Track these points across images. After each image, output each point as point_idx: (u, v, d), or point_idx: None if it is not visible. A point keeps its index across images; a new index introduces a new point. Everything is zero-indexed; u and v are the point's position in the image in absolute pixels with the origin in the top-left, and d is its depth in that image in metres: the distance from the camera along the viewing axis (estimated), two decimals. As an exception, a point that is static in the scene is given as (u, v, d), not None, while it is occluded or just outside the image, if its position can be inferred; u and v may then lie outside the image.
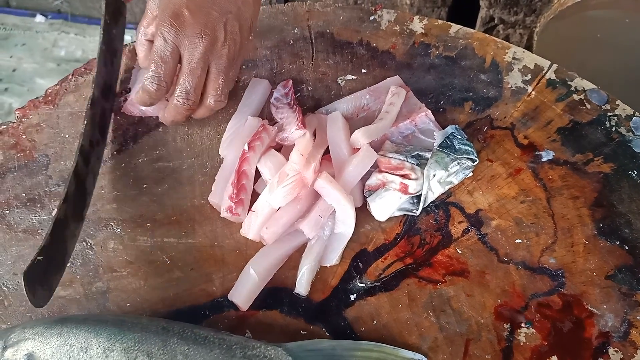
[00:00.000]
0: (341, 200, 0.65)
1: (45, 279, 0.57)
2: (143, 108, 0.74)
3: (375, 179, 0.68)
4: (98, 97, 0.69)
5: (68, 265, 0.65)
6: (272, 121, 0.74)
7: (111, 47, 0.74)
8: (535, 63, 0.78)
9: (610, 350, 0.59)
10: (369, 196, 0.67)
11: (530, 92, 0.76)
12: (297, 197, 0.65)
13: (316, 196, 0.67)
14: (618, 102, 0.74)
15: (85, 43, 1.96)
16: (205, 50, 0.65)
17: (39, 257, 0.55)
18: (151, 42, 0.67)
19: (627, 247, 0.64)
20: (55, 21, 2.01)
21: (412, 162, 0.67)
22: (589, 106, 0.74)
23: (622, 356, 0.58)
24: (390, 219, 0.67)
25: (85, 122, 0.66)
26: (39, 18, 2.02)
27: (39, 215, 0.69)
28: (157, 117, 0.74)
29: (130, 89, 0.77)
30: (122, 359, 0.52)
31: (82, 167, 0.65)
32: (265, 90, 0.76)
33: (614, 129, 0.72)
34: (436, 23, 0.82)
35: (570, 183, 0.69)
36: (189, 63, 0.65)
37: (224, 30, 0.66)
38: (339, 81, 0.78)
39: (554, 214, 0.67)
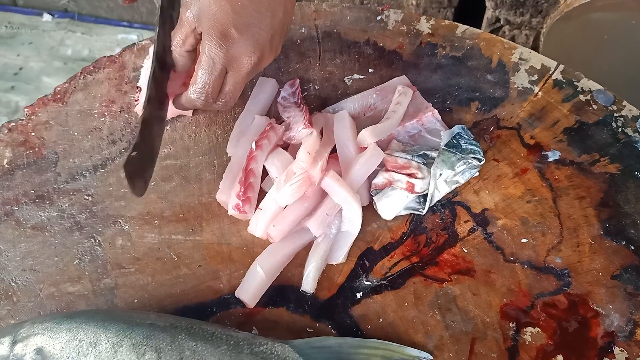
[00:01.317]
0: (348, 199, 0.65)
1: (141, 171, 0.62)
2: None
3: (381, 178, 0.68)
4: (166, 5, 0.68)
5: (76, 261, 0.66)
6: (279, 120, 0.74)
7: None
8: (542, 63, 0.78)
9: (616, 350, 0.59)
10: (375, 195, 0.68)
11: (537, 93, 0.76)
12: (304, 195, 0.66)
13: (323, 194, 0.67)
14: (624, 102, 0.74)
15: (92, 42, 1.96)
16: (252, 69, 0.65)
17: (133, 153, 0.60)
18: (190, 52, 0.66)
19: (632, 248, 0.65)
20: (62, 20, 2.02)
21: (419, 161, 0.68)
22: (595, 107, 0.74)
23: (627, 356, 0.59)
24: (396, 217, 0.68)
25: (157, 28, 0.66)
26: (46, 17, 2.02)
27: (47, 212, 0.69)
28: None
29: (140, 88, 0.77)
30: (130, 354, 0.52)
31: (159, 72, 0.65)
32: (272, 89, 0.77)
33: (620, 129, 0.72)
34: (443, 23, 0.82)
35: (576, 183, 0.69)
36: (234, 80, 0.65)
37: (270, 47, 0.66)
38: (346, 80, 0.79)
39: (560, 214, 0.67)
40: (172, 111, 0.74)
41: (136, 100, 0.76)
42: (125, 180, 0.58)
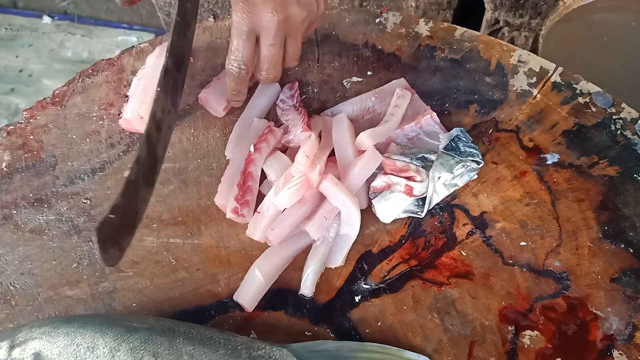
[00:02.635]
0: (346, 202, 0.65)
1: (117, 238, 0.56)
2: (138, 127, 0.74)
3: (380, 181, 0.68)
4: (171, 67, 0.68)
5: (74, 265, 0.66)
6: (278, 123, 0.74)
7: (185, 20, 0.72)
8: (540, 66, 0.78)
9: (615, 353, 0.59)
10: (374, 198, 0.68)
11: (536, 95, 0.76)
12: (303, 198, 0.66)
13: (321, 198, 0.67)
14: (623, 105, 0.74)
15: (92, 44, 1.97)
16: (278, 27, 0.67)
17: (111, 215, 0.54)
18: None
19: (632, 250, 0.64)
20: (62, 22, 2.02)
21: (417, 164, 0.68)
22: (594, 109, 0.74)
23: (626, 359, 0.58)
24: (395, 220, 0.68)
25: (158, 89, 0.65)
26: (46, 19, 2.03)
27: (46, 215, 0.69)
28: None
29: (127, 97, 0.77)
30: (128, 358, 0.52)
31: (154, 133, 0.63)
32: (274, 92, 0.77)
33: (619, 132, 0.72)
34: (442, 26, 0.82)
35: (575, 186, 0.69)
36: (265, 42, 0.68)
37: (297, 2, 0.67)
38: (345, 83, 0.79)
39: (559, 217, 0.67)
40: None
41: (119, 114, 0.76)
42: (97, 246, 0.52)
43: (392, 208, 0.67)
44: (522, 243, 0.66)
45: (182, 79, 0.72)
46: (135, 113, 0.72)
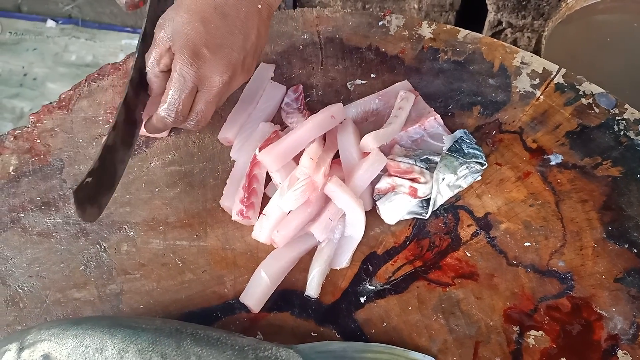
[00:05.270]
0: (351, 204, 0.65)
1: (95, 198, 0.62)
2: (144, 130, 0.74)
3: (384, 183, 0.68)
4: (149, 32, 0.68)
5: (82, 267, 0.66)
6: (283, 126, 0.74)
7: None
8: (543, 67, 0.78)
9: (619, 353, 0.59)
10: (378, 200, 0.68)
11: (539, 96, 0.76)
12: (308, 200, 0.66)
13: (326, 200, 0.67)
14: (626, 106, 0.74)
15: (96, 48, 1.97)
16: (223, 88, 0.65)
17: (87, 179, 0.60)
18: (165, 73, 0.66)
19: (635, 250, 0.65)
20: (66, 26, 2.03)
21: (421, 166, 0.68)
22: (597, 110, 0.74)
23: (630, 359, 0.59)
24: (399, 222, 0.68)
25: (137, 55, 0.66)
26: (50, 23, 2.03)
27: (53, 219, 0.70)
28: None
29: None
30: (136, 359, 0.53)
31: (132, 98, 0.66)
32: (280, 96, 0.77)
33: (622, 132, 0.72)
34: (444, 28, 0.83)
35: (579, 187, 0.69)
36: (205, 99, 0.65)
37: (242, 67, 0.66)
38: (348, 86, 0.79)
39: (563, 218, 0.67)
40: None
41: None
42: (74, 206, 0.58)
43: (396, 209, 0.67)
44: (526, 244, 0.66)
45: None
46: None
